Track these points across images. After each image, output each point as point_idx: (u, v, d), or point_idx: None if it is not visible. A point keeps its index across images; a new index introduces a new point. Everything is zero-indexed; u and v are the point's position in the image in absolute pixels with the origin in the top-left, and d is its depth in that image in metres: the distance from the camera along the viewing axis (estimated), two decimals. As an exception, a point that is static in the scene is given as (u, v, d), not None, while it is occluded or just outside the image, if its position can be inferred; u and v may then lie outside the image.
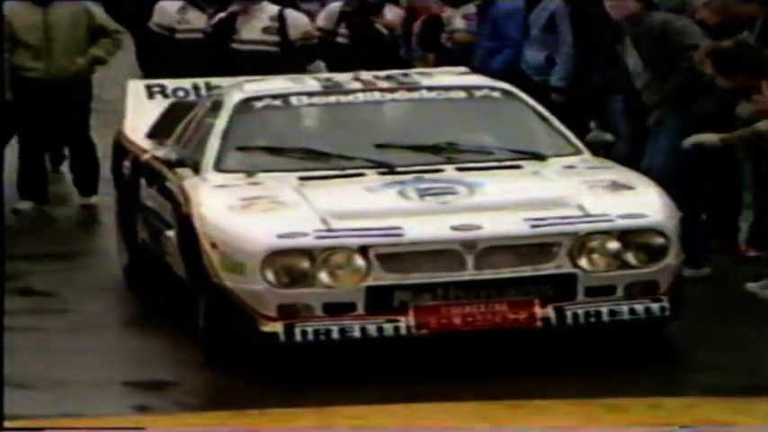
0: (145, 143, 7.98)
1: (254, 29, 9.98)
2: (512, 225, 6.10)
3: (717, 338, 6.49)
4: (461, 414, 5.52)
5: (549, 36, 9.78)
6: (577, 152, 7.11)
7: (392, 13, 11.58)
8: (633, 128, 8.35)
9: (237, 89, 7.56)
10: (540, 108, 7.46)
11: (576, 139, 7.25)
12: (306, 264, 5.93)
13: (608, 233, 6.09)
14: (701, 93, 7.86)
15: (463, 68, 8.82)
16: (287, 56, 9.92)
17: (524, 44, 10.18)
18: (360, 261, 5.94)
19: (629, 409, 5.52)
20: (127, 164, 8.13)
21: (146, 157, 7.66)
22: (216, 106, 7.42)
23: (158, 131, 8.06)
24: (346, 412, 5.53)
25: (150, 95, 8.78)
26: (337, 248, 5.96)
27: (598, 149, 7.19)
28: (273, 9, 10.12)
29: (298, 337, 5.89)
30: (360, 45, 10.97)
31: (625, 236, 6.11)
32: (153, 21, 11.38)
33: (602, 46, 8.97)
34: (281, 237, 5.97)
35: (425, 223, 6.14)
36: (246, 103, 7.23)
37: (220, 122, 7.08)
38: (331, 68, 8.88)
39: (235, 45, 10.08)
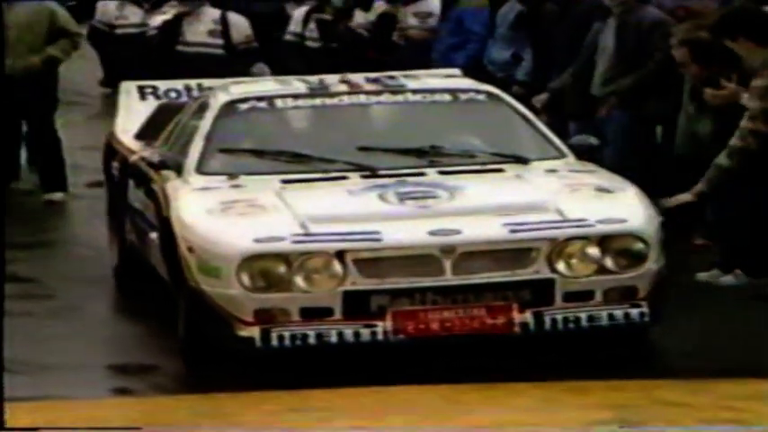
0: (133, 144, 7.96)
1: (198, 31, 10.00)
2: (490, 230, 6.03)
3: (674, 325, 6.39)
4: (430, 396, 5.53)
5: (516, 33, 10.04)
6: (561, 156, 7.05)
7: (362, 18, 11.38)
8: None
9: (223, 91, 7.53)
10: (525, 111, 7.46)
11: (561, 143, 7.19)
12: (282, 268, 5.87)
13: (587, 238, 6.03)
14: (658, 93, 8.18)
15: (454, 71, 8.76)
16: (230, 58, 9.94)
17: (489, 41, 10.34)
18: (337, 266, 5.88)
19: (590, 390, 5.51)
20: (116, 164, 8.12)
21: (133, 158, 7.64)
22: (202, 108, 7.42)
23: (147, 133, 8.09)
24: (317, 395, 5.50)
25: (142, 96, 8.81)
26: (314, 253, 5.92)
27: (582, 153, 7.05)
28: (216, 12, 10.14)
29: (274, 341, 5.82)
30: (330, 48, 10.87)
31: (604, 241, 6.04)
32: (95, 18, 11.93)
33: (561, 47, 9.27)
34: (257, 241, 5.93)
35: (403, 228, 6.07)
36: (231, 105, 7.21)
37: (205, 124, 7.07)
38: (302, 72, 8.55)
39: (180, 47, 10.10)
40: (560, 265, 5.97)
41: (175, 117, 7.76)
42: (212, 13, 10.12)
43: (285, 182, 6.58)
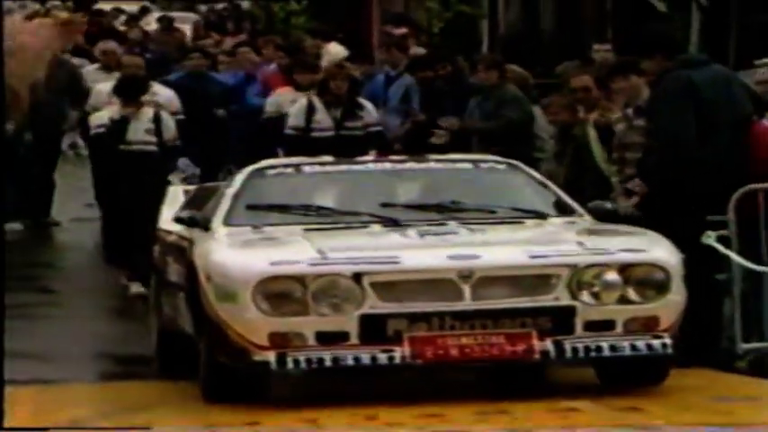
0: (173, 226, 7.79)
1: (138, 131, 9.94)
2: (510, 255, 5.93)
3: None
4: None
5: (403, 105, 11.31)
6: (579, 215, 7.01)
7: None
8: None
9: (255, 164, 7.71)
10: (542, 178, 7.48)
11: (577, 205, 7.10)
12: (298, 291, 5.75)
13: (607, 266, 5.88)
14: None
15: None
16: (162, 154, 9.93)
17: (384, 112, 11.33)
18: (353, 288, 5.74)
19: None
20: (156, 248, 8.03)
21: (171, 237, 7.59)
22: (232, 178, 7.54)
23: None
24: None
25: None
26: (330, 275, 5.79)
27: (599, 216, 6.93)
28: (150, 112, 10.05)
29: (290, 365, 5.67)
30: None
31: (625, 270, 5.89)
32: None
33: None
34: (273, 264, 5.83)
35: (422, 253, 5.99)
36: (259, 171, 7.33)
37: (233, 186, 7.16)
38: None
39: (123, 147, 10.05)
40: (581, 293, 5.82)
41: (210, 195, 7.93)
42: (148, 113, 9.99)
43: (307, 230, 6.51)
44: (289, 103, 11.02)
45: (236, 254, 6.21)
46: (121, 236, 9.81)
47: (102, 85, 11.28)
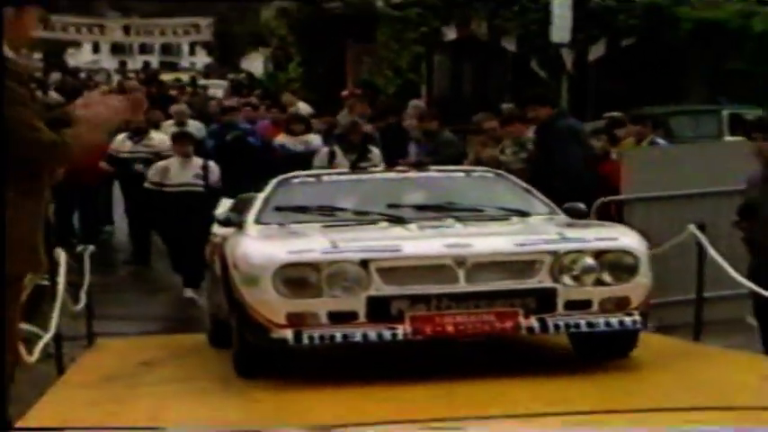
0: (219, 230, 8.21)
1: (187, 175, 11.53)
2: (499, 243, 6.28)
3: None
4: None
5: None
6: (556, 214, 7.45)
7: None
8: None
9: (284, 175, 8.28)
10: (525, 185, 8.06)
11: (554, 206, 7.59)
12: (313, 276, 6.04)
13: (584, 252, 6.22)
14: None
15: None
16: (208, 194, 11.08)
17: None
18: (361, 273, 6.04)
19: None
20: (208, 249, 8.61)
21: (217, 239, 8.02)
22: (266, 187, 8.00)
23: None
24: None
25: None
26: (340, 262, 6.08)
27: (573, 215, 7.46)
28: (200, 160, 11.69)
29: (305, 341, 5.98)
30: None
31: (600, 256, 6.22)
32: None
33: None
34: (291, 252, 6.15)
35: (422, 242, 6.33)
36: (286, 180, 7.95)
37: (264, 192, 7.75)
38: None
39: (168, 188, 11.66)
40: (562, 276, 6.15)
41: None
42: (198, 162, 11.68)
43: (325, 226, 6.91)
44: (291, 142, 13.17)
45: (258, 244, 6.56)
46: (176, 252, 11.51)
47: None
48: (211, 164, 11.54)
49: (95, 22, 32.14)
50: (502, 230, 6.72)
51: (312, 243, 6.31)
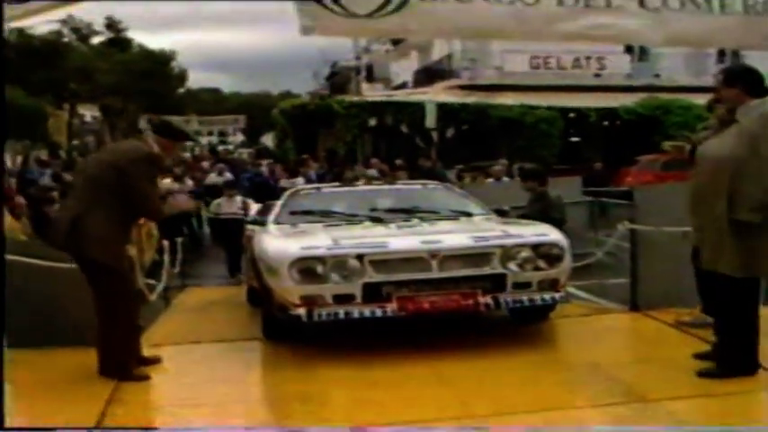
0: (251, 226, 9.18)
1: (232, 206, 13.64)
2: (462, 240, 6.83)
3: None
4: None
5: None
6: (489, 215, 8.31)
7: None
8: None
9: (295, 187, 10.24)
10: (464, 192, 9.30)
11: (487, 208, 8.52)
12: (320, 267, 6.60)
13: (525, 246, 6.85)
14: None
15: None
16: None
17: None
18: (357, 265, 6.60)
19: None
20: (244, 239, 9.61)
21: (249, 232, 9.01)
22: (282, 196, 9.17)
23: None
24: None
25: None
26: (341, 256, 6.62)
27: (499, 214, 8.53)
28: (240, 198, 14.01)
29: (315, 317, 6.52)
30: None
31: (536, 248, 6.86)
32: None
33: None
34: (302, 248, 6.68)
35: (403, 240, 6.87)
36: (297, 191, 9.53)
37: (280, 200, 8.86)
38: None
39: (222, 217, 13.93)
40: (509, 264, 6.78)
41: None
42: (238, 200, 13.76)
43: (326, 225, 7.63)
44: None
45: (277, 242, 7.10)
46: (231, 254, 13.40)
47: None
48: (249, 200, 13.23)
49: (185, 119, 47.52)
50: (459, 228, 7.31)
51: (318, 241, 6.84)
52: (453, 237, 6.90)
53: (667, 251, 7.42)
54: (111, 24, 51.64)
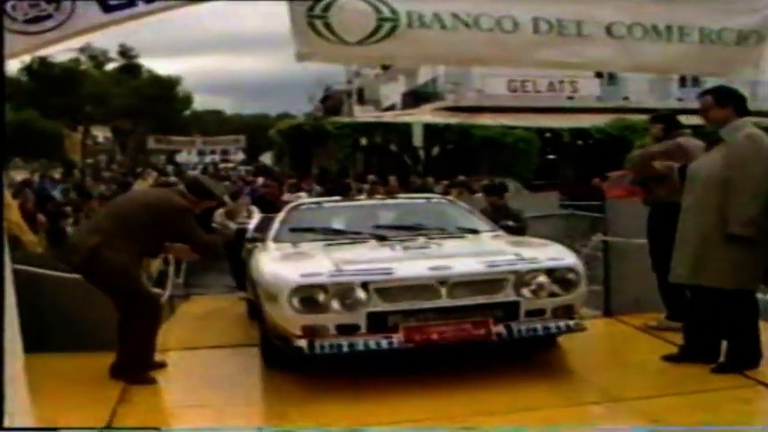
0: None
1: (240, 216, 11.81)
2: (473, 266, 5.88)
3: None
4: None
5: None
6: (495, 230, 7.36)
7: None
8: None
9: (296, 201, 8.76)
10: (468, 207, 8.12)
11: (494, 225, 7.58)
12: (321, 296, 5.64)
13: (540, 271, 5.90)
14: None
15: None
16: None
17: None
18: (362, 293, 5.67)
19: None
20: (243, 252, 8.55)
21: (249, 246, 7.96)
22: (282, 210, 8.00)
23: (256, 230, 8.75)
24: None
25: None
26: (345, 284, 5.66)
27: (507, 231, 7.59)
28: (245, 208, 12.10)
29: (317, 350, 5.57)
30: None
31: (551, 272, 5.93)
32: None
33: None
34: (303, 276, 5.69)
35: (410, 265, 5.87)
36: (296, 206, 8.07)
37: (280, 216, 7.67)
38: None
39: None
40: (523, 291, 5.86)
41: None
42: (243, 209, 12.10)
43: (327, 245, 6.62)
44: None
45: (275, 267, 6.07)
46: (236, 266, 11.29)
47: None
48: (253, 208, 12.12)
49: (191, 140, 53.20)
50: (469, 251, 6.34)
51: (319, 266, 5.87)
52: (463, 262, 5.91)
53: (637, 260, 7.37)
54: (124, 51, 51.78)
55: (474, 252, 6.18)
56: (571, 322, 5.95)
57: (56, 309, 6.59)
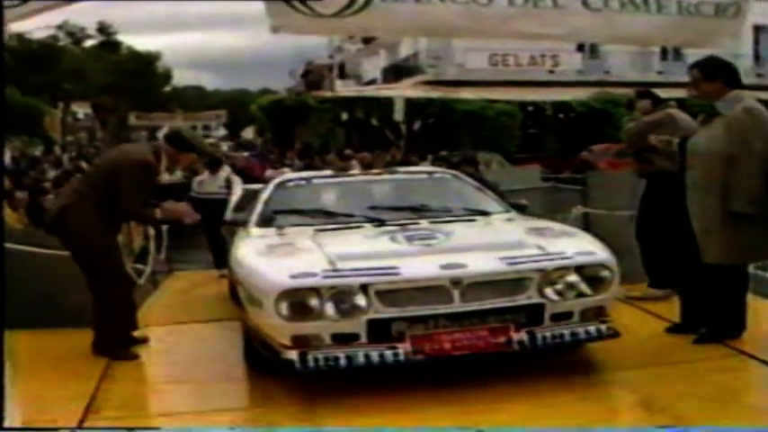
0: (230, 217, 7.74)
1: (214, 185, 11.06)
2: (490, 263, 5.04)
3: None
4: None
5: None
6: (508, 211, 6.49)
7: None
8: None
9: (280, 177, 7.57)
10: (476, 183, 7.09)
11: (504, 202, 6.71)
12: (314, 300, 4.82)
13: (568, 268, 5.10)
14: None
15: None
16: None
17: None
18: (361, 298, 4.87)
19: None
20: (223, 230, 7.84)
21: (227, 225, 7.31)
22: (267, 187, 7.05)
23: (237, 209, 8.17)
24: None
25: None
26: (341, 287, 4.84)
27: (518, 210, 6.83)
28: (224, 175, 11.29)
29: (311, 363, 4.78)
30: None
31: (580, 270, 5.13)
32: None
33: None
34: (293, 277, 4.85)
35: (418, 263, 5.03)
36: (283, 183, 7.08)
37: (264, 195, 6.71)
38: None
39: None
40: (548, 291, 5.07)
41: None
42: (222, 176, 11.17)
43: (317, 231, 5.78)
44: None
45: (260, 264, 5.17)
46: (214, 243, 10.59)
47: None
48: (235, 177, 11.34)
49: (171, 115, 50.30)
50: (483, 242, 5.53)
51: (312, 263, 5.02)
52: (479, 258, 5.05)
53: (617, 232, 7.23)
54: (103, 28, 51.44)
55: (490, 245, 5.29)
56: (603, 327, 5.14)
57: (38, 285, 6.52)
